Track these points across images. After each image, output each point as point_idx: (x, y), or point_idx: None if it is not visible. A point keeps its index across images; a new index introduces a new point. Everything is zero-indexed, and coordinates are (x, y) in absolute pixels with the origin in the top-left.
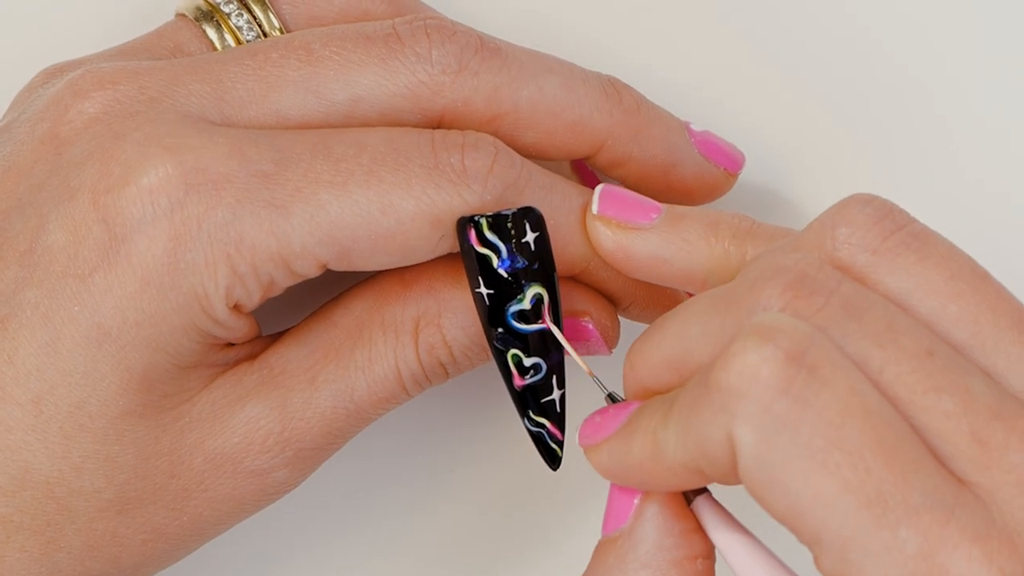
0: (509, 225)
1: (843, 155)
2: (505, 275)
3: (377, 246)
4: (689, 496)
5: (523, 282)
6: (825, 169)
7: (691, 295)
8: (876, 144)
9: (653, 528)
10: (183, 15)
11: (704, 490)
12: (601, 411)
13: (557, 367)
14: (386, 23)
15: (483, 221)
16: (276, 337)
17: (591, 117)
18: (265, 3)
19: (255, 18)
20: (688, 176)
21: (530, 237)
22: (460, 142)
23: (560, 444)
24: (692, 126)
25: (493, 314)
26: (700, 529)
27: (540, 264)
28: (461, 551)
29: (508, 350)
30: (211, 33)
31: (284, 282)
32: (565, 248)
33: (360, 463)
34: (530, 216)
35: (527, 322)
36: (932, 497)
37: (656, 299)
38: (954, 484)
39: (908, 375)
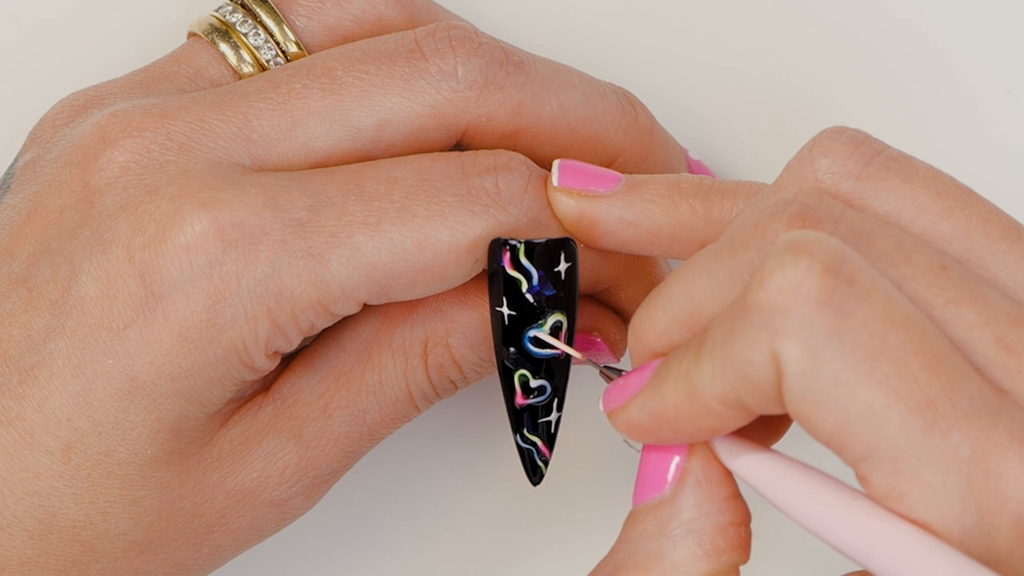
0: (544, 253)
1: None
2: (531, 300)
3: (415, 280)
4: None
5: (547, 309)
6: None
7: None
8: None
9: (697, 494)
10: (195, 35)
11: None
12: (624, 375)
13: (560, 391)
14: (407, 37)
15: (520, 247)
16: (286, 363)
17: (607, 133)
18: (279, 16)
19: (270, 34)
20: None
21: (562, 267)
22: (492, 164)
23: (546, 462)
24: (690, 154)
25: (510, 335)
26: (740, 496)
27: (567, 293)
28: (460, 551)
29: (517, 370)
30: (228, 53)
31: (323, 325)
32: (593, 268)
33: (359, 464)
34: (566, 247)
35: (542, 347)
36: (977, 401)
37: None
38: (993, 390)
39: (926, 289)
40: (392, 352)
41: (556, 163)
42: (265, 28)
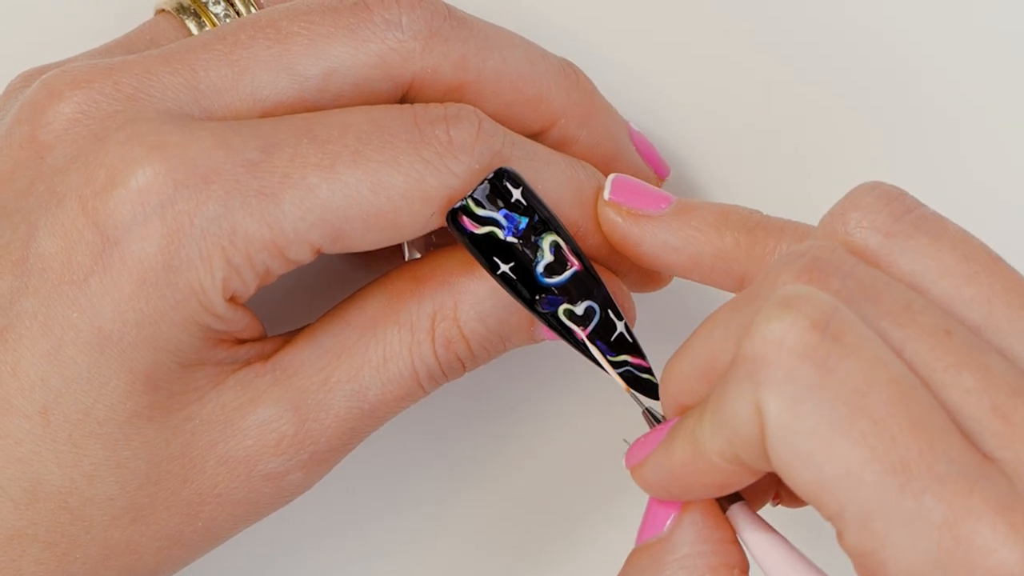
0: (491, 193)
1: (846, 156)
2: (516, 241)
3: (369, 225)
4: (724, 505)
5: (534, 239)
6: (827, 170)
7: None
8: (880, 144)
9: (691, 533)
10: (164, 11)
11: (739, 497)
12: (645, 434)
13: (607, 301)
14: None
15: (468, 202)
16: (289, 337)
17: (549, 93)
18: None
19: (238, 13)
20: (624, 171)
21: (517, 194)
22: (443, 114)
23: (650, 372)
24: (632, 126)
25: (525, 283)
26: (736, 541)
27: (540, 215)
28: (461, 548)
29: (557, 309)
30: (192, 26)
31: (279, 270)
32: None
33: (359, 459)
34: (505, 176)
35: (559, 273)
36: (956, 466)
37: (641, 268)
38: (978, 456)
39: (927, 352)
40: (398, 327)
41: (611, 177)
42: (234, 8)
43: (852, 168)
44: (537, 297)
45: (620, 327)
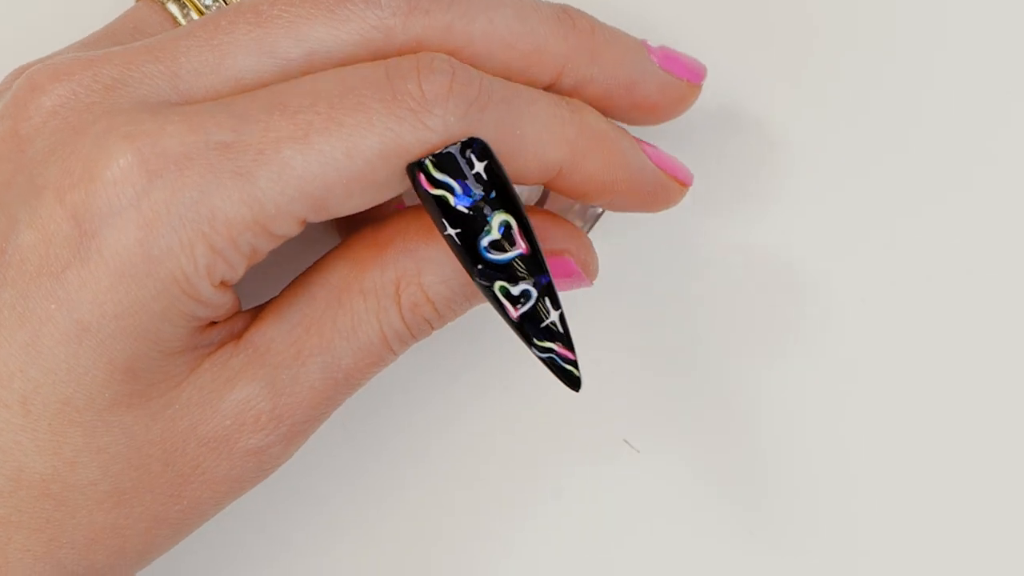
0: (455, 161)
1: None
2: (466, 210)
3: (350, 190)
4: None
5: (486, 213)
6: (813, 162)
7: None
8: (867, 137)
9: None
10: None
11: None
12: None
13: (547, 289)
14: None
15: (428, 163)
16: (256, 313)
17: (546, 44)
18: None
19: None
20: (652, 92)
21: (479, 167)
22: (414, 66)
23: (574, 364)
24: (649, 43)
25: (467, 251)
26: None
27: (497, 192)
28: (458, 546)
29: (493, 284)
30: (175, 11)
31: (266, 247)
32: (536, 154)
33: (353, 457)
34: (474, 147)
35: (503, 251)
36: None
37: (635, 186)
38: None
39: None
40: (364, 295)
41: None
42: None
43: (842, 161)
44: (478, 267)
45: (554, 316)
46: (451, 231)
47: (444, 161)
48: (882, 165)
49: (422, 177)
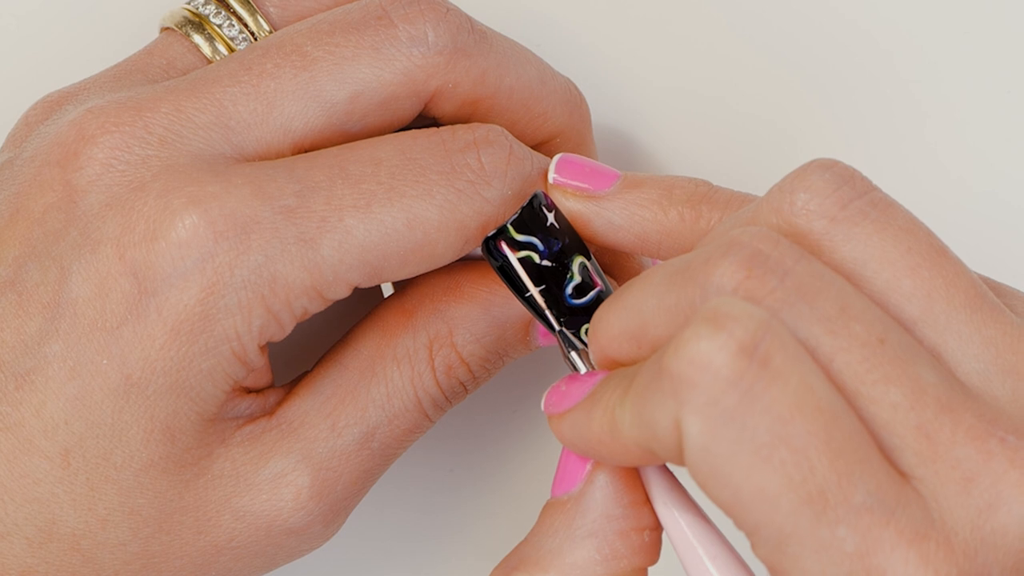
0: (529, 218)
1: (826, 142)
2: (550, 264)
3: (406, 260)
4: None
5: (565, 260)
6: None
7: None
8: (854, 131)
9: (603, 496)
10: (169, 28)
11: None
12: (567, 379)
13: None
14: (373, 4)
15: (508, 227)
16: (290, 388)
17: (554, 113)
18: (252, 6)
19: (244, 24)
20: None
21: (551, 218)
22: (472, 139)
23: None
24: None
25: (553, 307)
26: (646, 502)
27: (570, 236)
28: (459, 549)
29: (579, 330)
30: (202, 44)
31: (315, 309)
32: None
33: None
34: (537, 201)
35: (584, 294)
36: (874, 497)
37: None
38: (897, 482)
39: (858, 364)
40: (397, 362)
41: (556, 157)
42: (239, 18)
43: (836, 154)
44: (562, 319)
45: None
46: (534, 291)
47: (521, 222)
48: (883, 166)
49: (503, 245)
